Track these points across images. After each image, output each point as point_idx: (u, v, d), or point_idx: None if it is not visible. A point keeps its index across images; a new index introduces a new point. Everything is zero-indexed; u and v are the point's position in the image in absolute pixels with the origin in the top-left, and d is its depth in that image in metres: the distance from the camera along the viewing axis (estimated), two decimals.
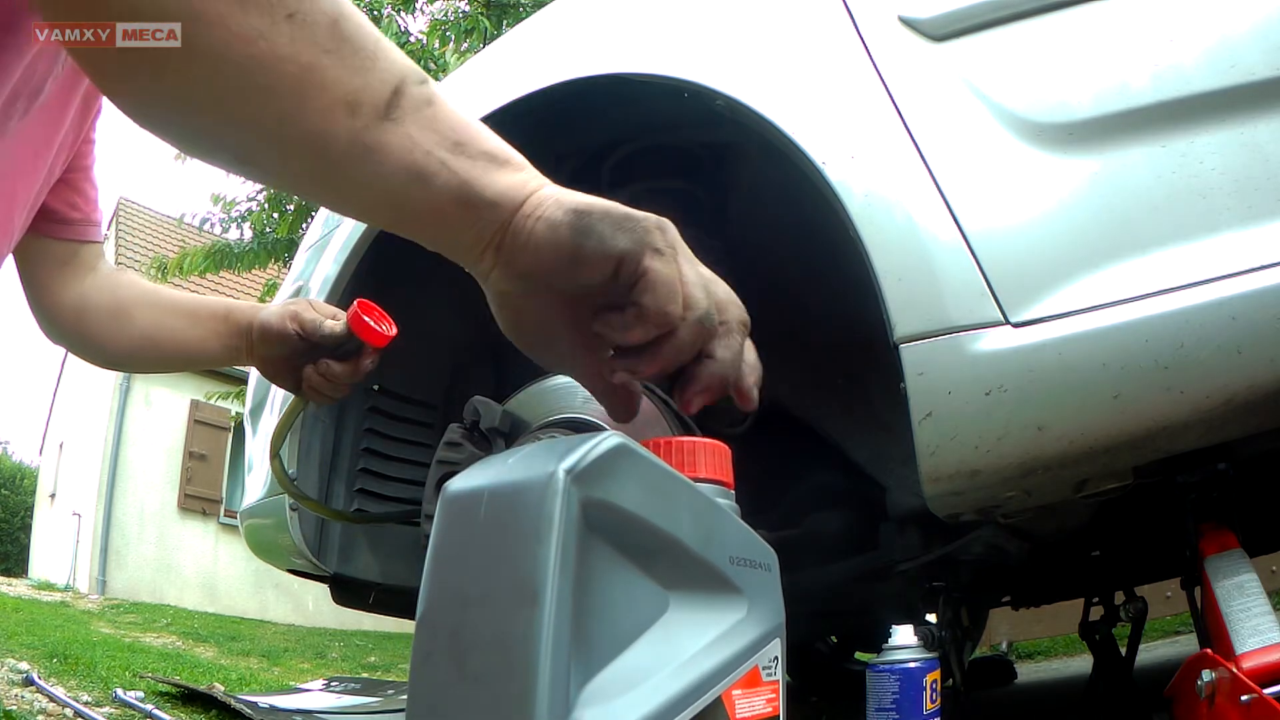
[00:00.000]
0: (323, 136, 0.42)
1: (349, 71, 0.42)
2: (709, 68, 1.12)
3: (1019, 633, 3.86)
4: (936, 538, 1.25)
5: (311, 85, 0.41)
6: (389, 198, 0.45)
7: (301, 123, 0.41)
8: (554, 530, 0.35)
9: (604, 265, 0.47)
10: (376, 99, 0.43)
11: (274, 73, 0.40)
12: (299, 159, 0.43)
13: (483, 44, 5.36)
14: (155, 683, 2.71)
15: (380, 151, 0.43)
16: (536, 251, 0.47)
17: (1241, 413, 0.90)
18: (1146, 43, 0.97)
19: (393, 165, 0.44)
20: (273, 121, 0.41)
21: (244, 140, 0.42)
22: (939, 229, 0.96)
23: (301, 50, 0.40)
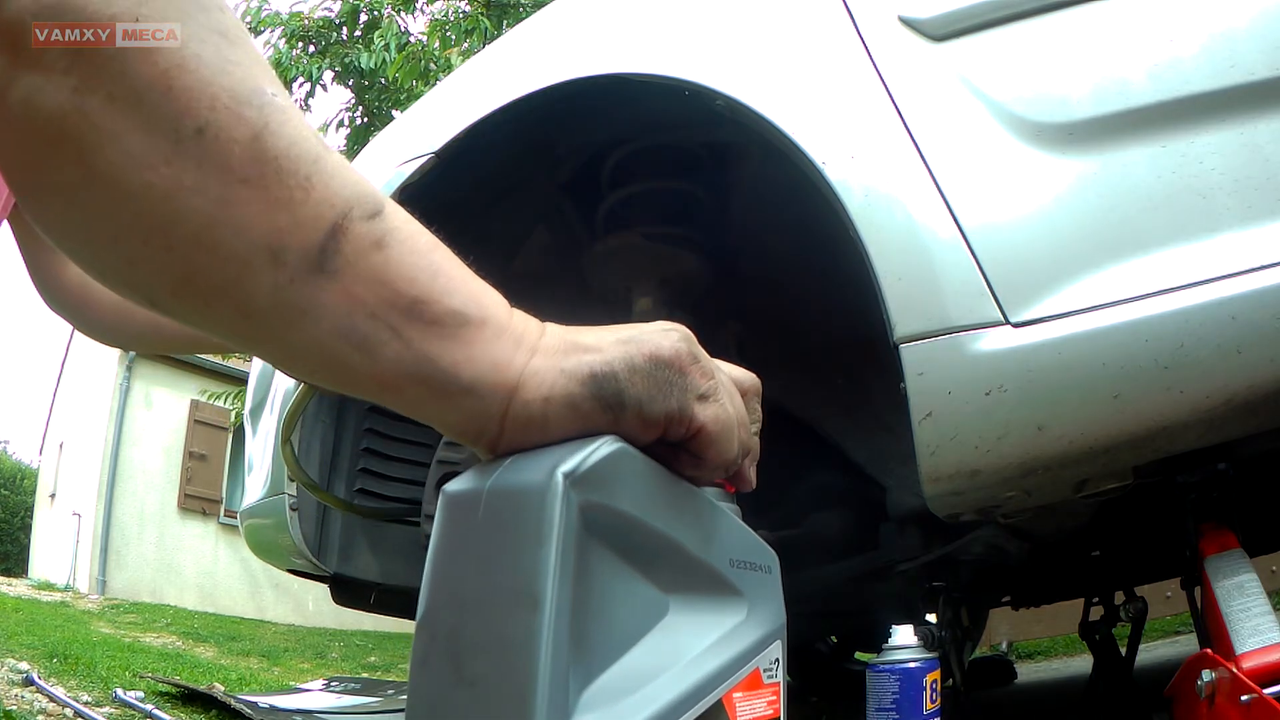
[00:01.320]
0: (239, 290, 0.33)
1: (271, 207, 0.33)
2: (709, 68, 1.12)
3: (1019, 633, 3.86)
4: (936, 538, 1.25)
5: (223, 225, 0.33)
6: (325, 368, 0.36)
7: (212, 272, 0.33)
8: (553, 533, 0.35)
9: (650, 432, 0.39)
10: (307, 244, 0.34)
11: (178, 208, 0.32)
12: (214, 313, 0.35)
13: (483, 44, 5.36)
14: (155, 683, 2.71)
15: (312, 313, 0.34)
16: (561, 432, 0.38)
17: (1241, 413, 0.90)
18: (1146, 42, 0.97)
19: (329, 329, 0.34)
20: (179, 268, 0.33)
21: (149, 286, 0.34)
22: (939, 229, 0.96)
23: (211, 179, 0.32)
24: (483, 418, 0.38)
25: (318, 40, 6.87)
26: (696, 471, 0.42)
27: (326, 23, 6.87)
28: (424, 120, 1.41)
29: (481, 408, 0.38)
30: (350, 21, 6.76)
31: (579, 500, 0.36)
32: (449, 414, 0.38)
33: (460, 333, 0.37)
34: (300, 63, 6.63)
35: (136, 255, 0.33)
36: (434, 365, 0.36)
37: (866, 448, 1.38)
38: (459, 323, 0.37)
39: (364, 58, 6.37)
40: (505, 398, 0.38)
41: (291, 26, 6.76)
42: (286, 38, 6.73)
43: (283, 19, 6.79)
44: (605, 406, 0.38)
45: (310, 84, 6.78)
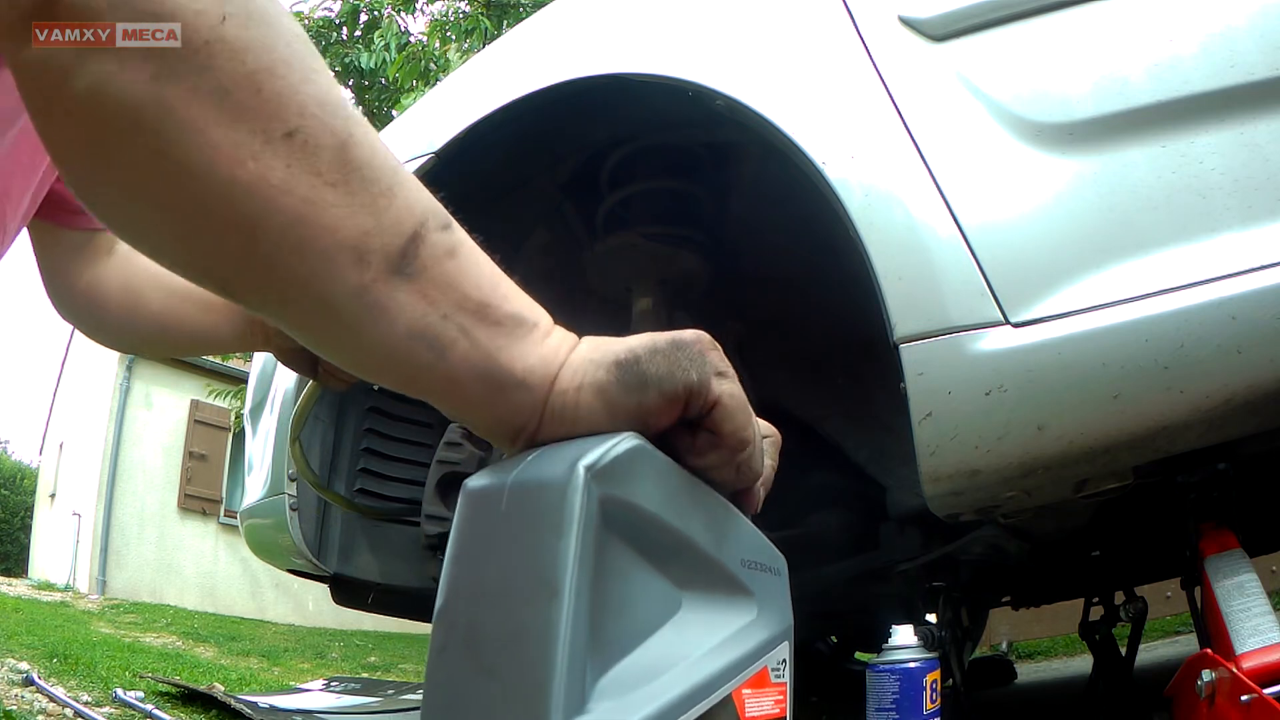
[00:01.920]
0: (320, 287, 0.35)
1: (357, 210, 0.35)
2: (709, 68, 1.12)
3: (1019, 633, 3.86)
4: (936, 538, 1.25)
5: (310, 224, 0.34)
6: (396, 366, 0.38)
7: (295, 268, 0.34)
8: (574, 525, 0.35)
9: (672, 409, 0.41)
10: (389, 248, 0.35)
11: (264, 205, 0.33)
12: (291, 307, 0.36)
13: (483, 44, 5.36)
14: (155, 683, 2.71)
15: (391, 312, 0.36)
16: (590, 424, 0.40)
17: (1241, 413, 0.90)
18: (1146, 43, 0.97)
19: (403, 330, 0.36)
20: (261, 262, 0.34)
21: (225, 277, 0.35)
22: (939, 229, 0.96)
23: (299, 180, 0.33)
24: (527, 410, 0.40)
25: (318, 40, 6.88)
26: (715, 452, 0.43)
27: (326, 22, 6.87)
28: (424, 120, 1.41)
29: (529, 400, 0.40)
30: (350, 21, 6.77)
31: (599, 494, 0.36)
32: (500, 408, 0.40)
33: (517, 333, 0.40)
34: None
35: (214, 248, 0.34)
36: (495, 362, 0.39)
37: (866, 448, 1.38)
38: (516, 324, 0.40)
39: (364, 58, 6.37)
40: (548, 390, 0.41)
41: None
42: None
43: None
44: (628, 389, 0.40)
45: None
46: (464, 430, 1.22)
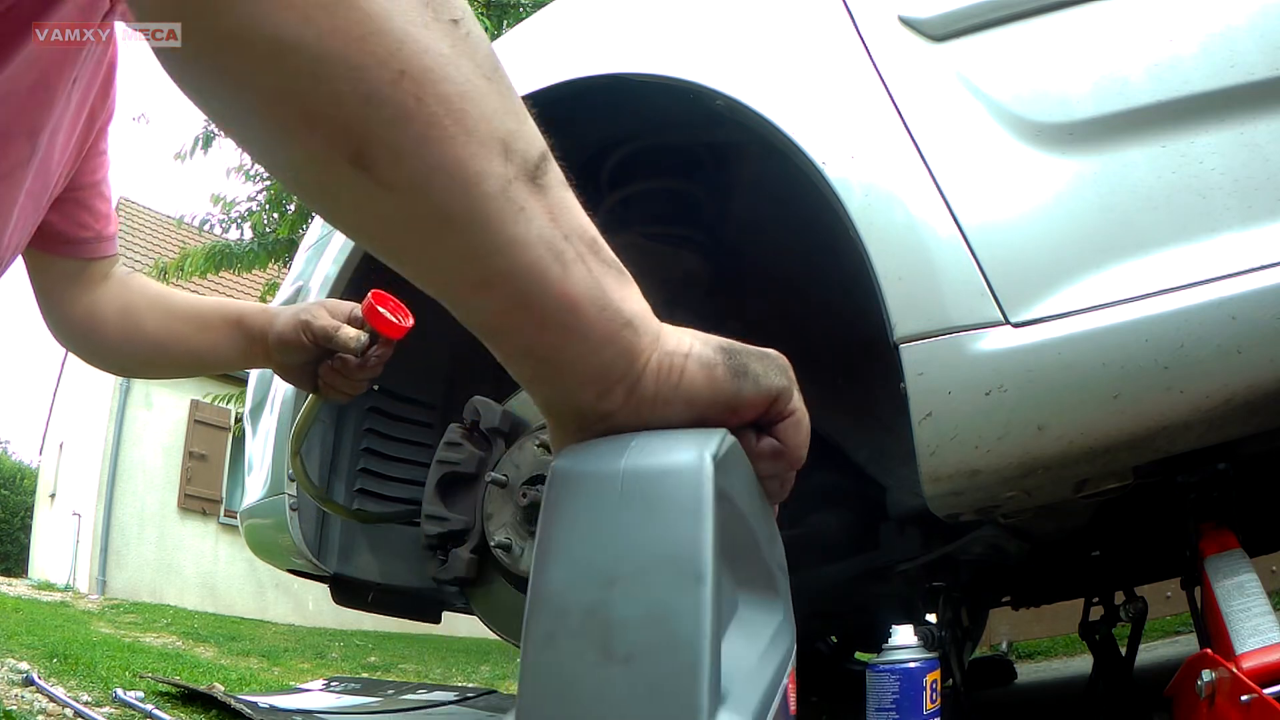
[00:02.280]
0: (473, 170, 0.34)
1: (505, 110, 0.35)
2: (709, 68, 1.12)
3: (1019, 633, 3.86)
4: (936, 538, 1.25)
5: (472, 103, 0.34)
6: (521, 273, 0.36)
7: (451, 141, 0.33)
8: (709, 511, 0.36)
9: (761, 406, 0.43)
10: (528, 153, 0.36)
11: (434, 69, 0.33)
12: (435, 187, 0.34)
13: None
14: (155, 683, 2.71)
15: (526, 212, 0.35)
16: (689, 392, 0.40)
17: (1241, 413, 0.90)
18: (1146, 43, 0.97)
19: (536, 234, 0.35)
20: (418, 129, 0.33)
21: (383, 137, 0.33)
22: (939, 229, 0.96)
23: (463, 62, 0.34)
24: (631, 356, 0.39)
25: None
26: (774, 461, 0.44)
27: None
28: None
29: (635, 345, 0.39)
30: None
31: (719, 484, 0.37)
32: (608, 348, 0.38)
33: (623, 278, 0.39)
34: None
35: (378, 95, 0.32)
36: (608, 294, 0.38)
37: (866, 448, 1.38)
38: (621, 270, 0.40)
39: None
40: (654, 340, 0.40)
41: None
42: None
43: None
44: (734, 373, 0.41)
45: None
46: (464, 430, 1.22)
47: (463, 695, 2.73)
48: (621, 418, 0.40)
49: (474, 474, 1.20)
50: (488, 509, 1.16)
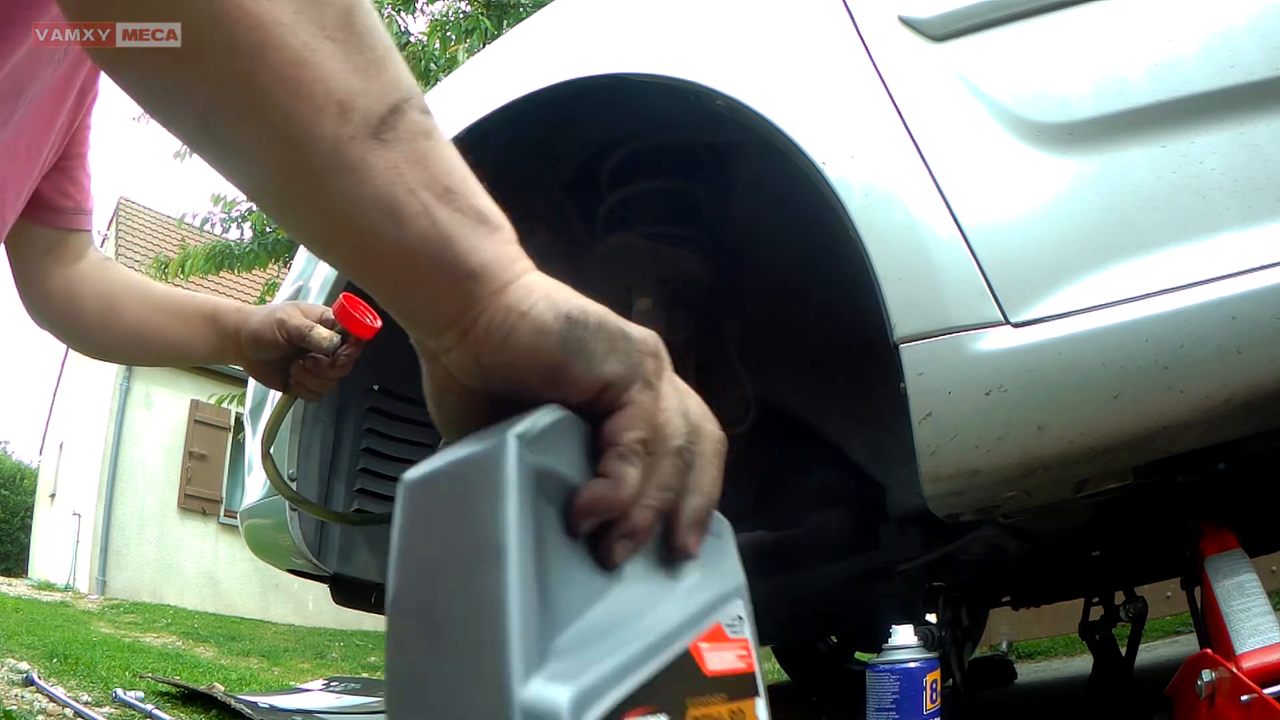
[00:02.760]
0: (303, 131, 0.36)
1: (350, 69, 0.37)
2: (709, 68, 1.12)
3: (1019, 633, 3.86)
4: (936, 538, 1.25)
5: (307, 68, 0.36)
6: (353, 231, 0.38)
7: (284, 106, 0.36)
8: (510, 488, 0.36)
9: (587, 389, 0.40)
10: (371, 110, 0.37)
11: (270, 39, 0.35)
12: (269, 150, 0.37)
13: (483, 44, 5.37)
14: (155, 683, 2.71)
15: (361, 172, 0.37)
16: (513, 353, 0.40)
17: (1242, 413, 0.90)
18: (1146, 42, 0.97)
19: (370, 193, 0.37)
20: (254, 95, 0.36)
21: (218, 106, 0.36)
22: (939, 229, 0.96)
23: (305, 27, 0.36)
24: (469, 304, 0.40)
25: None
26: (606, 462, 0.41)
27: None
28: None
29: (475, 295, 0.40)
30: None
31: (531, 462, 0.37)
32: (443, 298, 0.40)
33: (480, 228, 0.40)
34: None
35: (221, 68, 0.35)
36: (451, 246, 0.39)
37: (866, 448, 1.38)
38: (480, 219, 0.40)
39: None
40: (495, 292, 0.40)
41: None
42: None
43: None
44: (564, 346, 0.40)
45: None
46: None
47: None
48: (452, 359, 0.41)
49: None
50: None
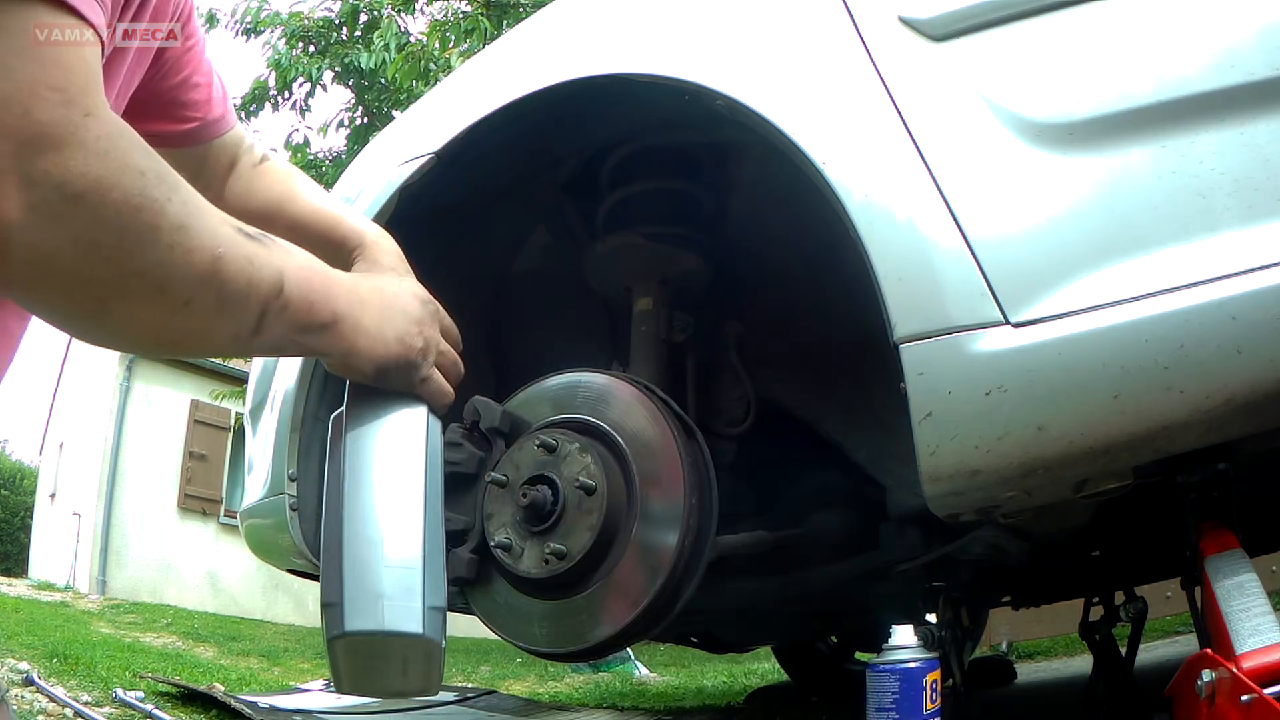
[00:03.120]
0: (211, 348, 0.58)
1: (232, 327, 0.56)
2: (709, 68, 1.12)
3: (1019, 633, 3.86)
4: (936, 538, 1.24)
5: (202, 336, 0.55)
6: (260, 354, 0.64)
7: (195, 346, 0.58)
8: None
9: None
10: (248, 329, 0.57)
11: (174, 333, 0.55)
12: (188, 354, 0.67)
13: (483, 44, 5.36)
14: (155, 683, 2.71)
15: (253, 347, 0.59)
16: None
17: (1242, 413, 0.90)
18: (1147, 43, 0.97)
19: (258, 348, 0.60)
20: (169, 348, 0.58)
21: (139, 348, 0.58)
22: (939, 229, 0.96)
23: (194, 319, 0.53)
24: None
25: (318, 40, 6.87)
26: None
27: (326, 23, 6.87)
28: (424, 120, 1.41)
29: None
30: (350, 22, 6.76)
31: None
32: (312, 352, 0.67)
33: (325, 331, 0.63)
34: (300, 63, 6.63)
35: (140, 342, 0.55)
36: (309, 347, 0.64)
37: (866, 448, 1.37)
38: (322, 327, 0.63)
39: (364, 58, 6.36)
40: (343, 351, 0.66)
41: (291, 26, 6.76)
42: (286, 38, 6.73)
43: (283, 19, 6.79)
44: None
45: (310, 84, 6.78)
46: (464, 430, 1.22)
47: (463, 695, 2.73)
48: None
49: (474, 474, 1.20)
50: (488, 509, 1.16)
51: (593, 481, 1.09)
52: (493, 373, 1.62)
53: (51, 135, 0.42)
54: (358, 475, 0.62)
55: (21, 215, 0.42)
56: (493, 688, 3.14)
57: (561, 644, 1.12)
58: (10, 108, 0.41)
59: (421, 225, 1.36)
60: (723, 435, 1.44)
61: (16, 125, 0.41)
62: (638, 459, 1.11)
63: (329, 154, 7.43)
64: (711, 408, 1.47)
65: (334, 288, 0.62)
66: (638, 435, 1.12)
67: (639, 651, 4.85)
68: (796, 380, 1.48)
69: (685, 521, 1.07)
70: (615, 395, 1.16)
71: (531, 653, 1.15)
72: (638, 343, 1.41)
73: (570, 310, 1.64)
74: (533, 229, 1.62)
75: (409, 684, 0.60)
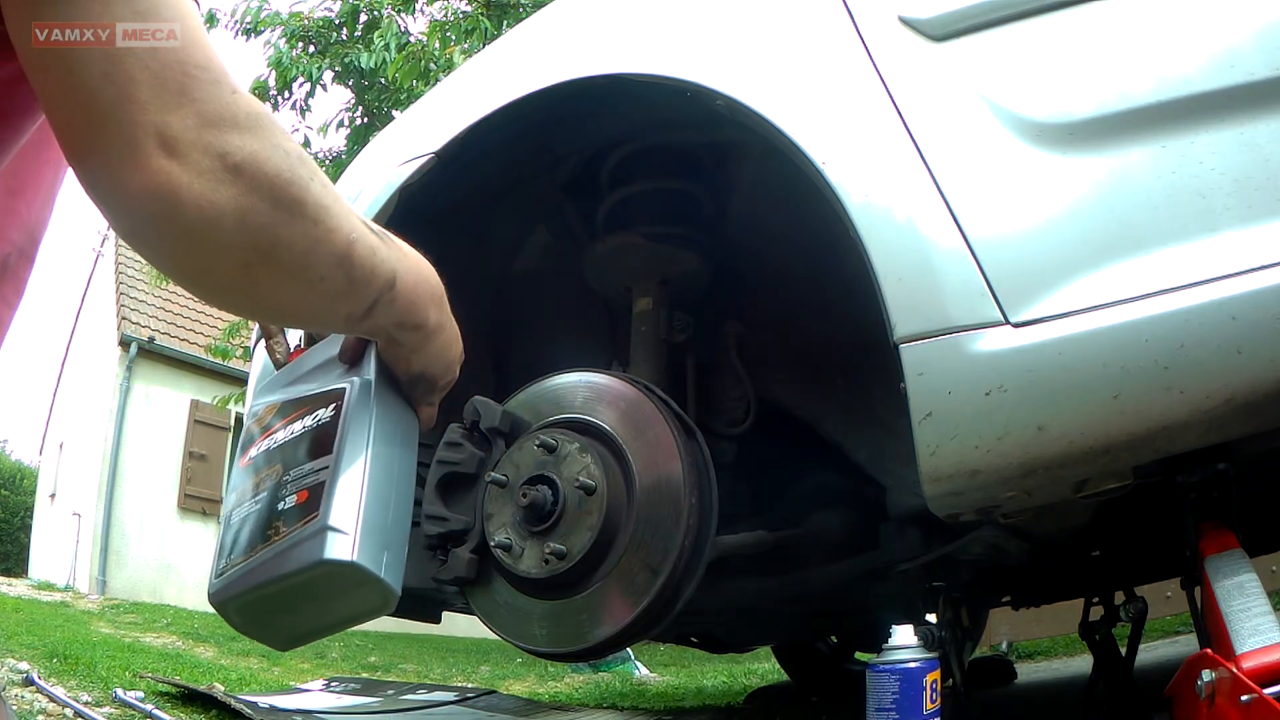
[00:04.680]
0: (328, 323, 0.66)
1: (352, 302, 0.60)
2: (709, 68, 1.12)
3: (1019, 633, 3.86)
4: (936, 538, 1.24)
5: (320, 310, 0.59)
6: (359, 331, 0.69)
7: (314, 315, 0.62)
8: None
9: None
10: (360, 312, 0.61)
11: (316, 304, 0.58)
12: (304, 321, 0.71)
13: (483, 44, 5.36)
14: (155, 683, 2.71)
15: (363, 328, 0.64)
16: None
17: (1242, 413, 0.90)
18: (1147, 43, 0.97)
19: (366, 330, 0.65)
20: (298, 305, 0.60)
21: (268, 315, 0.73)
22: (939, 229, 0.96)
23: (331, 291, 0.57)
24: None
25: (318, 40, 6.86)
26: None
27: (326, 23, 6.86)
28: (424, 120, 1.41)
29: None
30: (350, 21, 6.76)
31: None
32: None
33: (415, 331, 0.67)
34: (300, 63, 6.63)
35: (274, 312, 0.67)
36: (399, 341, 0.67)
37: (866, 448, 1.37)
38: (415, 327, 0.67)
39: (364, 58, 6.36)
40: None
41: (291, 26, 6.75)
42: (286, 38, 6.72)
43: (283, 19, 6.79)
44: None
45: (310, 84, 6.78)
46: (464, 430, 1.22)
47: (463, 695, 2.73)
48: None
49: (474, 474, 1.20)
50: (488, 509, 1.16)
51: (593, 481, 1.09)
52: (493, 373, 1.62)
53: (209, 110, 0.46)
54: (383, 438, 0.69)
55: (190, 180, 0.45)
56: (493, 688, 3.14)
57: (561, 644, 1.12)
58: (166, 85, 0.44)
59: (421, 225, 1.36)
60: (723, 435, 1.44)
61: (176, 100, 0.44)
62: (637, 459, 1.11)
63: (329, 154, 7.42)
64: (711, 408, 1.47)
65: (433, 296, 0.67)
66: (638, 435, 1.12)
67: (639, 651, 4.85)
68: (796, 380, 1.48)
69: (685, 521, 1.07)
70: (615, 395, 1.16)
71: (531, 653, 1.15)
72: (638, 343, 1.41)
73: (570, 310, 1.64)
74: (533, 229, 1.62)
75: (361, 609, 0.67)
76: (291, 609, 0.66)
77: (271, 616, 0.67)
